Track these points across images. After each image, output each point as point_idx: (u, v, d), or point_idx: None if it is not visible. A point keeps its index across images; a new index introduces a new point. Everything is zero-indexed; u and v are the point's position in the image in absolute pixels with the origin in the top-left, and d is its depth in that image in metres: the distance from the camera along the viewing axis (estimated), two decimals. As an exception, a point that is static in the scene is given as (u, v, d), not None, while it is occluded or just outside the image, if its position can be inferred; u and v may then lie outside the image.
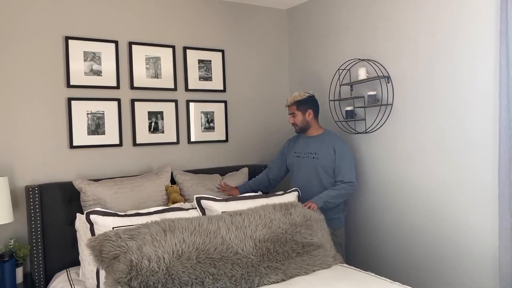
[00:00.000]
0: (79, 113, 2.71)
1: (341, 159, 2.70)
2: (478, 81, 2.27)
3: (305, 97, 2.78)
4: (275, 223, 2.25)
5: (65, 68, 2.68)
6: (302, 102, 2.77)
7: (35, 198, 2.44)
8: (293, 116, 2.81)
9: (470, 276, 2.36)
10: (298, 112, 2.78)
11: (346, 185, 2.68)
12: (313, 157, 2.77)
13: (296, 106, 2.78)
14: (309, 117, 2.79)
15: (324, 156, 2.73)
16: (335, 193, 2.66)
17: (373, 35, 2.82)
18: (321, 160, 2.73)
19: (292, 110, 2.81)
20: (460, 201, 2.40)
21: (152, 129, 2.99)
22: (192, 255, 1.94)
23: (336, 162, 2.71)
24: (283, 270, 2.14)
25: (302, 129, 2.83)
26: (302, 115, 2.78)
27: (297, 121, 2.80)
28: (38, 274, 2.42)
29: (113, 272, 1.85)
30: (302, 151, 2.85)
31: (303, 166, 2.81)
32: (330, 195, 2.64)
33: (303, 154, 2.83)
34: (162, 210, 2.32)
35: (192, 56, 3.14)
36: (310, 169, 2.77)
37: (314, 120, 2.82)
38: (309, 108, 2.78)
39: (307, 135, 2.86)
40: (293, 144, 2.96)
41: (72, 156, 2.70)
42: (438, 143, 2.48)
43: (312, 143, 2.81)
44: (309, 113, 2.78)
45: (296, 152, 2.88)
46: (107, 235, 1.93)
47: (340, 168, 2.70)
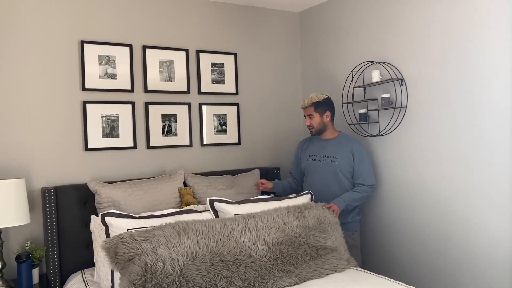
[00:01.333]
0: (94, 116, 2.75)
1: (360, 162, 2.67)
2: (493, 83, 2.24)
3: (323, 99, 2.72)
4: (289, 226, 2.25)
5: (81, 71, 2.72)
6: (321, 103, 2.71)
7: (51, 200, 2.47)
8: (310, 118, 2.74)
9: (485, 280, 2.32)
10: (316, 113, 2.72)
11: (367, 188, 2.67)
12: (331, 161, 2.72)
13: (314, 107, 2.72)
14: (326, 119, 2.74)
15: (343, 160, 2.69)
16: (358, 196, 2.65)
17: (386, 37, 2.80)
18: (340, 163, 2.69)
19: (310, 112, 2.74)
20: (475, 204, 2.36)
21: (166, 132, 3.01)
22: (206, 257, 1.95)
23: (355, 166, 2.68)
24: (296, 273, 2.13)
25: (318, 131, 2.78)
26: (320, 117, 2.73)
27: (314, 123, 2.74)
28: (53, 275, 2.45)
29: (128, 274, 1.86)
30: (318, 154, 2.80)
31: (320, 169, 2.77)
32: (353, 198, 2.63)
33: (319, 158, 2.78)
34: (175, 212, 2.33)
35: (205, 59, 3.15)
36: (329, 173, 2.73)
37: (330, 123, 2.78)
38: (327, 110, 2.74)
39: (322, 138, 2.81)
40: (306, 146, 2.92)
41: (87, 158, 2.74)
42: (452, 145, 2.45)
43: (328, 146, 2.76)
44: (326, 115, 2.74)
45: (311, 155, 2.84)
46: (122, 237, 1.94)
47: (360, 171, 2.67)
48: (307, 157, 2.86)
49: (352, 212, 2.73)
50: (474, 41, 2.32)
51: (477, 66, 2.31)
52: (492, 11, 2.23)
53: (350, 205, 2.62)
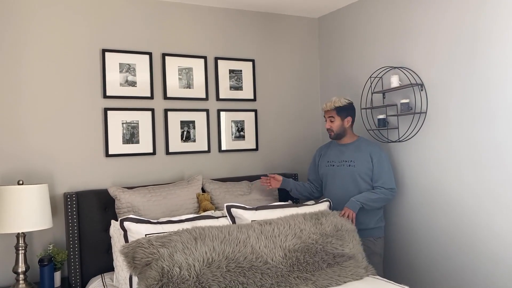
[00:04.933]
0: (114, 122, 2.81)
1: (379, 165, 2.64)
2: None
3: (346, 104, 2.72)
4: (305, 233, 2.24)
5: (102, 79, 2.79)
6: (343, 108, 2.70)
7: (72, 205, 2.53)
8: (331, 121, 2.73)
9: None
10: (337, 117, 2.71)
11: (386, 190, 2.63)
12: (349, 165, 2.70)
13: (337, 111, 2.71)
14: (347, 124, 2.73)
15: (361, 164, 2.66)
16: (375, 196, 2.60)
17: (405, 42, 2.77)
18: (358, 167, 2.67)
19: (331, 114, 2.72)
20: (495, 212, 2.29)
21: (184, 138, 3.04)
22: (222, 263, 1.95)
23: (374, 169, 2.65)
24: (313, 280, 2.12)
25: (337, 136, 2.76)
26: (341, 121, 2.71)
27: (335, 126, 2.73)
28: (74, 278, 2.50)
29: (145, 278, 1.89)
30: (336, 159, 2.78)
31: (339, 175, 2.74)
32: (369, 198, 2.59)
33: (337, 163, 2.76)
34: (193, 218, 2.36)
35: (223, 66, 3.19)
36: (347, 178, 2.70)
37: (350, 128, 2.77)
38: (349, 115, 2.73)
39: (341, 143, 2.79)
40: (324, 153, 2.90)
41: (108, 164, 2.80)
42: (473, 151, 2.39)
43: (347, 151, 2.74)
44: (348, 120, 2.73)
45: (330, 161, 2.81)
46: (139, 242, 1.97)
47: (380, 174, 2.64)
48: (325, 163, 2.84)
49: (375, 217, 2.68)
50: (494, 46, 2.26)
51: (497, 71, 2.25)
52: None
53: (366, 205, 2.57)
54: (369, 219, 2.67)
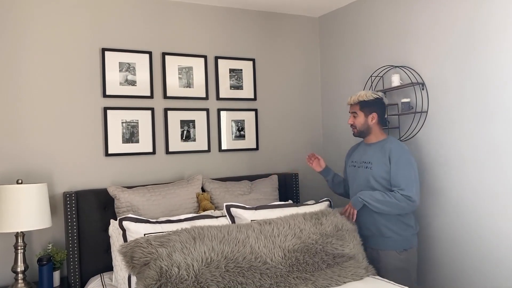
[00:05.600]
0: (114, 122, 2.80)
1: (396, 167, 2.35)
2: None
3: (372, 98, 2.46)
4: (305, 233, 2.22)
5: (102, 78, 2.78)
6: (368, 103, 2.46)
7: (72, 204, 2.52)
8: (354, 117, 2.51)
9: None
10: (360, 112, 2.48)
11: (401, 196, 2.30)
12: (366, 167, 2.46)
13: (360, 106, 2.48)
14: (371, 121, 2.48)
15: (378, 166, 2.40)
16: (382, 198, 2.33)
17: (406, 41, 2.75)
18: (375, 170, 2.41)
19: (354, 109, 2.50)
20: (497, 210, 2.27)
21: (184, 138, 3.03)
22: (221, 263, 1.94)
23: (391, 171, 2.36)
24: (313, 281, 2.10)
25: (361, 133, 2.53)
26: (365, 117, 2.48)
27: (357, 123, 2.50)
28: (74, 278, 2.50)
29: (144, 278, 1.87)
30: (358, 160, 2.56)
31: (358, 176, 2.52)
32: (374, 197, 2.34)
33: (358, 163, 2.55)
34: (192, 217, 2.35)
35: (223, 66, 3.17)
36: (363, 181, 2.47)
37: (376, 126, 2.50)
38: (374, 111, 2.47)
39: (366, 142, 2.56)
40: (352, 152, 2.69)
41: (108, 163, 2.79)
42: (475, 151, 2.37)
43: (369, 151, 2.50)
44: (372, 116, 2.47)
45: (353, 161, 2.61)
46: (138, 242, 1.96)
47: (396, 176, 2.34)
48: (350, 163, 2.64)
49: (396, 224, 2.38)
50: (495, 44, 2.24)
51: (499, 70, 2.24)
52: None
53: (370, 205, 2.34)
54: (391, 226, 2.37)
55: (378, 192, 2.37)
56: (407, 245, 2.40)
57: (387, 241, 2.39)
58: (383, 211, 2.35)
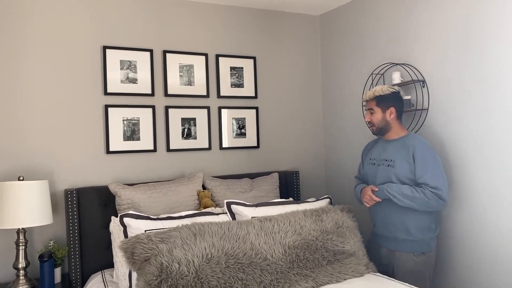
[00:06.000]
0: (115, 119, 2.80)
1: (422, 162, 2.26)
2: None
3: (389, 93, 2.38)
4: (306, 230, 2.23)
5: (103, 76, 2.78)
6: (384, 98, 2.38)
7: (73, 201, 2.53)
8: (371, 113, 2.43)
9: None
10: (377, 108, 2.39)
11: (432, 193, 2.21)
12: (388, 165, 2.36)
13: (376, 101, 2.40)
14: (390, 116, 2.39)
15: (401, 164, 2.31)
16: (410, 193, 2.22)
17: (407, 39, 2.75)
18: (398, 168, 2.31)
19: (371, 106, 2.42)
20: (499, 207, 2.27)
21: (185, 135, 3.04)
22: (221, 259, 1.95)
23: (416, 167, 2.27)
24: (313, 277, 2.10)
25: (380, 130, 2.44)
26: (382, 113, 2.39)
27: (375, 119, 2.41)
28: (75, 274, 2.50)
29: (144, 274, 1.88)
30: (378, 157, 2.46)
31: (378, 174, 2.41)
32: (402, 191, 2.24)
33: (378, 161, 2.44)
34: (193, 214, 2.35)
35: (224, 64, 3.18)
36: (384, 179, 2.36)
37: (395, 121, 2.41)
38: (392, 106, 2.38)
39: (386, 139, 2.46)
40: (369, 149, 2.60)
41: (109, 161, 2.79)
42: (476, 147, 2.37)
43: (389, 148, 2.41)
44: (390, 111, 2.39)
45: (372, 159, 2.50)
46: (138, 238, 1.97)
47: (422, 171, 2.25)
48: (368, 160, 2.54)
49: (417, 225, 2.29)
50: (492, 41, 2.24)
51: (499, 67, 2.23)
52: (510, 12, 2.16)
53: (396, 198, 2.25)
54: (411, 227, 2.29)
55: (407, 186, 2.26)
56: (425, 248, 2.32)
57: (405, 243, 2.31)
58: (409, 206, 2.26)
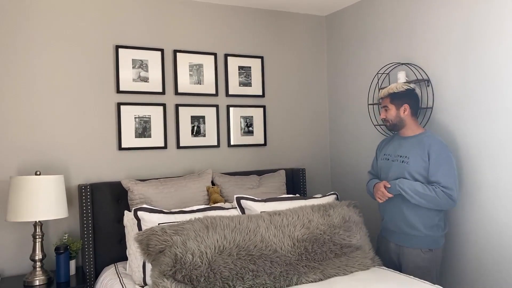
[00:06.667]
0: (127, 117, 2.88)
1: (436, 162, 2.30)
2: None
3: (403, 90, 2.44)
4: (314, 224, 2.29)
5: (115, 75, 2.86)
6: (398, 95, 2.44)
7: (87, 196, 2.61)
8: (386, 110, 2.48)
9: None
10: (391, 105, 2.45)
11: (443, 193, 2.26)
12: (403, 161, 2.39)
13: (391, 99, 2.46)
14: (404, 113, 2.43)
15: (415, 161, 2.34)
16: (422, 190, 2.27)
17: (412, 38, 2.82)
18: (412, 165, 2.34)
19: (385, 103, 2.48)
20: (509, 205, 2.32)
21: (195, 133, 3.11)
22: (233, 251, 2.02)
23: (430, 166, 2.30)
24: (321, 269, 2.18)
25: (394, 127, 2.50)
26: (396, 110, 2.44)
27: (389, 116, 2.46)
28: (89, 267, 2.58)
29: (159, 265, 1.96)
30: (392, 153, 2.50)
31: (392, 170, 2.45)
32: (414, 187, 2.28)
33: (393, 157, 2.48)
34: (204, 208, 2.42)
35: (232, 63, 3.25)
36: (398, 175, 2.40)
37: (410, 118, 2.45)
38: (405, 103, 2.43)
39: (402, 135, 2.51)
40: (384, 145, 2.65)
41: (121, 157, 2.87)
42: (480, 145, 2.43)
43: (405, 145, 2.44)
44: (404, 108, 2.43)
45: (386, 154, 2.55)
46: (153, 230, 2.04)
47: (435, 171, 2.29)
48: (382, 155, 2.59)
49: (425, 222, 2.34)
50: (495, 42, 2.30)
51: (505, 67, 2.29)
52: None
53: (408, 195, 2.29)
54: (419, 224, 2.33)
55: (419, 183, 2.30)
56: (433, 245, 2.36)
57: (412, 239, 2.36)
58: (419, 203, 2.30)
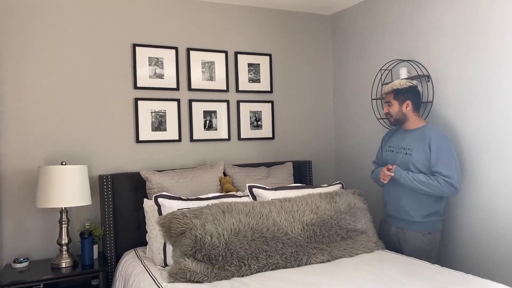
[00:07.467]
0: (144, 111, 3.05)
1: (436, 153, 2.42)
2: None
3: (406, 87, 2.57)
4: (321, 210, 2.46)
5: (133, 72, 3.03)
6: (401, 91, 2.57)
7: (108, 185, 2.78)
8: (388, 106, 2.62)
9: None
10: (394, 101, 2.59)
11: (445, 181, 2.38)
12: (406, 153, 2.52)
13: (394, 94, 2.59)
14: (406, 108, 2.57)
15: (418, 153, 2.47)
16: (424, 179, 2.40)
17: (413, 36, 2.97)
18: (414, 157, 2.47)
19: (389, 99, 2.62)
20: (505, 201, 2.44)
21: (207, 127, 3.28)
22: (248, 233, 2.19)
23: (431, 157, 2.44)
24: (328, 251, 2.35)
25: (397, 121, 2.64)
26: (399, 106, 2.58)
27: (392, 111, 2.61)
28: (110, 251, 2.75)
29: (180, 246, 2.13)
30: (396, 145, 2.63)
31: (397, 162, 2.57)
32: (417, 177, 2.42)
33: (397, 149, 2.61)
34: (219, 196, 2.59)
35: (242, 60, 3.42)
36: (402, 167, 2.52)
37: (412, 113, 2.59)
38: (408, 99, 2.57)
39: (405, 129, 2.64)
40: (389, 137, 2.78)
41: (138, 149, 3.05)
42: (478, 138, 2.57)
43: (408, 137, 2.57)
44: (407, 104, 2.57)
45: (391, 146, 2.68)
46: (174, 214, 2.22)
47: (436, 160, 2.41)
48: (387, 147, 2.72)
49: (425, 210, 2.48)
50: (494, 39, 2.45)
51: (500, 63, 2.43)
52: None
53: (413, 183, 2.41)
54: (417, 211, 2.49)
55: (422, 174, 2.44)
56: (432, 228, 2.51)
57: (413, 224, 2.51)
58: (423, 191, 2.43)
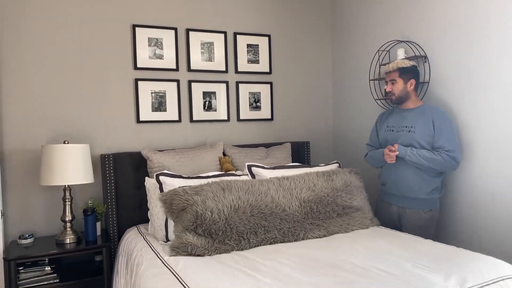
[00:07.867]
0: (144, 92, 3.09)
1: (440, 130, 2.49)
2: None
3: (410, 66, 2.62)
4: (318, 187, 2.53)
5: (133, 52, 3.06)
6: (407, 70, 2.60)
7: (110, 164, 2.83)
8: (392, 84, 2.63)
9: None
10: (400, 79, 2.60)
11: (448, 156, 2.46)
12: (409, 131, 2.57)
13: (400, 72, 2.61)
14: (410, 87, 2.61)
15: (421, 130, 2.53)
16: (428, 155, 2.47)
17: (411, 17, 2.99)
18: (418, 133, 2.53)
19: (393, 77, 2.62)
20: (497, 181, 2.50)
21: (206, 108, 3.33)
22: (247, 209, 2.26)
23: (435, 134, 2.50)
24: (325, 227, 2.42)
25: (399, 100, 2.66)
26: (404, 84, 2.61)
27: (396, 89, 2.62)
28: (112, 228, 2.83)
29: (182, 221, 2.20)
30: (396, 124, 2.67)
31: (400, 140, 2.61)
32: (422, 153, 2.48)
33: (397, 128, 2.65)
34: (218, 174, 2.65)
35: (241, 41, 3.44)
36: (405, 144, 2.58)
37: (414, 92, 2.65)
38: (413, 78, 2.61)
39: (403, 108, 2.69)
40: (385, 118, 2.82)
41: (139, 129, 3.09)
42: (473, 117, 2.62)
43: (408, 116, 2.62)
44: (411, 83, 2.61)
45: (390, 126, 2.72)
46: (176, 191, 2.28)
47: (439, 137, 2.49)
48: (385, 128, 2.76)
49: (428, 187, 2.55)
50: (490, 19, 2.48)
51: (494, 44, 2.47)
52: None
53: (417, 158, 2.48)
54: (421, 188, 2.55)
55: (425, 150, 2.50)
56: (432, 205, 2.60)
57: (415, 202, 2.57)
58: (426, 167, 2.49)
